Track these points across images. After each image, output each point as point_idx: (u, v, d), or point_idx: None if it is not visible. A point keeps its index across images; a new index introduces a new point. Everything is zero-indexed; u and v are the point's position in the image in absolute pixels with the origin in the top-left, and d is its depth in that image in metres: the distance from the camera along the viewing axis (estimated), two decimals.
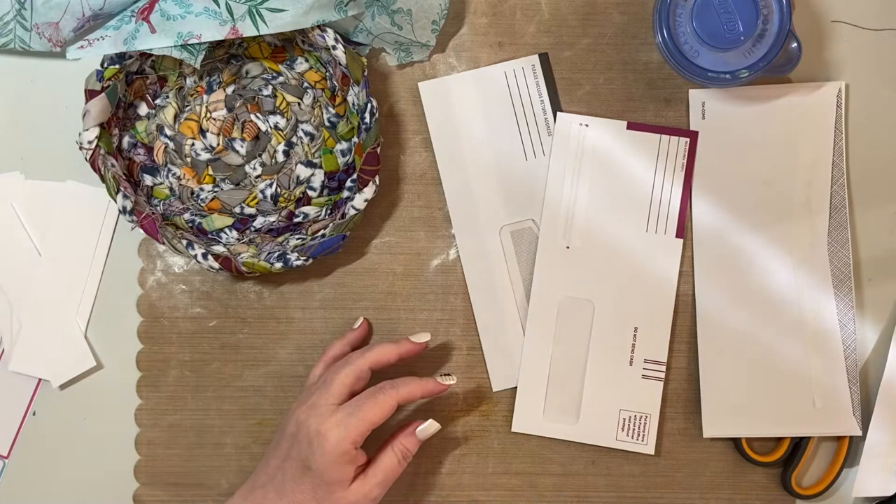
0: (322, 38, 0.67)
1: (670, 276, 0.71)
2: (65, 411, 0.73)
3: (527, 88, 0.71)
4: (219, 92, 0.72)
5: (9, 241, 0.73)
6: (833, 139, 0.71)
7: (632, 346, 0.71)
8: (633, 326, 0.71)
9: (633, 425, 0.71)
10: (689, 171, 0.71)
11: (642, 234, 0.71)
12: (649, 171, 0.71)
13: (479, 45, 0.72)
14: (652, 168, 0.71)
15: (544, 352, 0.71)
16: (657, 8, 0.66)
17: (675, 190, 0.71)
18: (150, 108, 0.71)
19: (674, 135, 0.71)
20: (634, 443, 0.71)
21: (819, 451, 0.72)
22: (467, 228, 0.72)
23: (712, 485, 0.72)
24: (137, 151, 0.71)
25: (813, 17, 0.71)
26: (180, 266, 0.73)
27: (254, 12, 0.65)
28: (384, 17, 0.69)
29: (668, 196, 0.71)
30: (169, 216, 0.71)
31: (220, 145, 0.71)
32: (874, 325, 0.71)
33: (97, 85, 0.66)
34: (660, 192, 0.71)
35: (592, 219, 0.71)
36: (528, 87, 0.71)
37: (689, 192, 0.71)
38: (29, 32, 0.70)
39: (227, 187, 0.72)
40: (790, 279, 0.70)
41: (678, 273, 0.71)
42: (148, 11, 0.66)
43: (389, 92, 0.72)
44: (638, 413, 0.71)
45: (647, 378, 0.71)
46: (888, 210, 0.72)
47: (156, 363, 0.73)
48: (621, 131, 0.71)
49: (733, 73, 0.66)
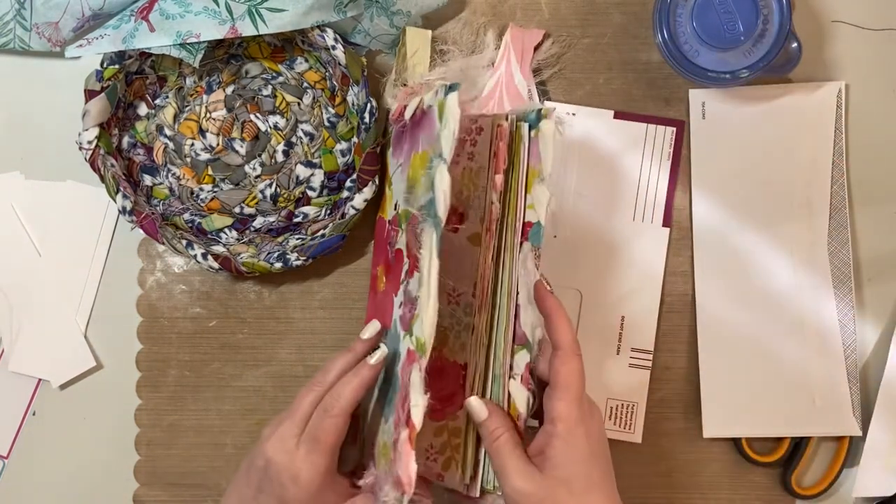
0: (322, 38, 0.67)
1: (657, 265, 0.71)
2: (65, 411, 0.73)
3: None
4: (218, 92, 0.71)
5: (9, 241, 0.73)
6: (833, 139, 0.71)
7: (619, 335, 0.71)
8: (619, 315, 0.71)
9: (620, 414, 0.70)
10: (675, 160, 0.71)
11: (629, 223, 0.71)
12: (636, 160, 0.71)
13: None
14: (639, 157, 0.71)
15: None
16: (657, 8, 0.66)
17: (661, 179, 0.71)
18: (150, 108, 0.71)
19: (661, 124, 0.71)
20: (621, 431, 0.70)
21: (819, 451, 0.72)
22: None
23: (712, 485, 0.72)
24: (137, 151, 0.71)
25: (813, 17, 0.71)
26: (180, 266, 0.73)
27: (253, 12, 0.65)
28: (383, 19, 0.69)
29: (654, 185, 0.71)
30: (168, 216, 0.71)
31: (219, 145, 0.71)
32: (874, 325, 0.71)
33: (97, 85, 0.66)
34: (646, 181, 0.71)
35: (580, 208, 0.71)
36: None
37: (675, 182, 0.71)
38: (29, 32, 0.70)
39: (226, 187, 0.72)
40: (790, 279, 0.70)
41: (664, 262, 0.71)
42: (147, 10, 0.66)
43: None
44: (625, 402, 0.70)
45: (634, 367, 0.71)
46: (888, 210, 0.72)
47: (156, 363, 0.73)
48: (608, 120, 0.71)
49: (733, 73, 0.66)
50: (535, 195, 0.60)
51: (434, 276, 0.54)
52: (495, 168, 0.60)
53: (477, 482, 0.61)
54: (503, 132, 0.60)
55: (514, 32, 0.70)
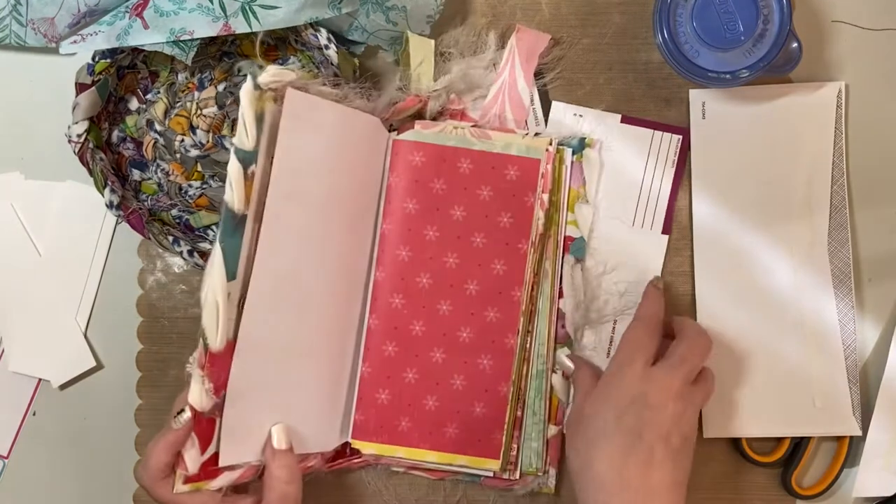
0: (315, 38, 0.67)
1: (654, 272, 0.71)
2: (65, 411, 0.73)
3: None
4: (210, 89, 0.71)
5: (9, 241, 0.73)
6: (833, 139, 0.71)
7: (609, 338, 0.71)
8: (613, 321, 0.71)
9: None
10: (679, 168, 0.71)
11: (629, 229, 0.71)
12: (640, 166, 0.71)
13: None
14: (643, 163, 0.71)
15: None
16: (657, 8, 0.66)
17: (664, 186, 0.71)
18: (141, 103, 0.71)
19: (667, 131, 0.71)
20: None
21: (819, 451, 0.72)
22: None
23: (712, 485, 0.72)
24: (127, 146, 0.71)
25: (813, 17, 0.71)
26: (180, 266, 0.73)
27: (247, 9, 0.64)
28: (379, 15, 0.69)
29: (657, 192, 0.71)
30: (156, 212, 0.71)
31: (209, 142, 0.71)
32: (874, 325, 0.71)
33: (87, 79, 0.66)
34: (649, 188, 0.71)
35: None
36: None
37: (677, 189, 0.71)
38: (24, 28, 0.70)
39: (215, 184, 0.71)
40: (790, 279, 0.70)
41: (661, 268, 0.71)
42: (142, 7, 0.66)
43: None
44: None
45: None
46: (888, 210, 0.72)
47: (156, 363, 0.73)
48: (615, 124, 0.71)
49: (733, 73, 0.66)
50: (578, 213, 0.70)
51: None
52: (543, 187, 0.69)
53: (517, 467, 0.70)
54: (550, 156, 0.69)
55: (520, 35, 0.70)
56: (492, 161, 0.69)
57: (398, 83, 0.69)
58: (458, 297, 0.69)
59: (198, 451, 0.60)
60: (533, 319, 0.69)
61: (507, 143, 0.69)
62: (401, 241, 0.68)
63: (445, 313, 0.68)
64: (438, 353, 0.68)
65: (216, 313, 0.58)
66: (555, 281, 0.70)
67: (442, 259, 0.68)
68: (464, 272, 0.69)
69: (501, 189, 0.69)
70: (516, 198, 0.69)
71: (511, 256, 0.69)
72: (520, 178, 0.69)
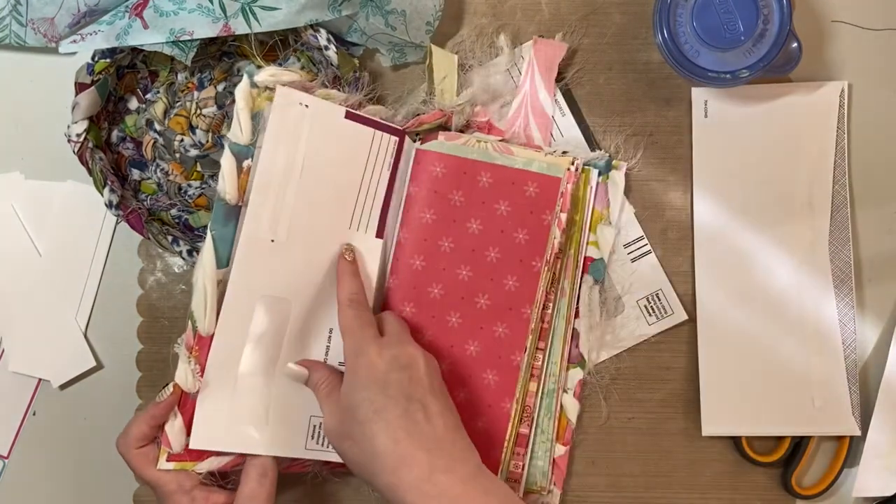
0: (315, 39, 0.67)
1: (371, 277, 0.67)
2: (65, 411, 0.73)
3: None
4: (209, 89, 0.71)
5: (9, 241, 0.73)
6: (835, 139, 0.71)
7: (326, 348, 0.67)
8: (328, 328, 0.67)
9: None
10: (394, 171, 0.68)
11: (345, 231, 0.67)
12: (359, 165, 0.67)
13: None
14: (363, 163, 0.67)
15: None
16: (657, 8, 0.66)
17: (380, 188, 0.68)
18: (141, 103, 0.71)
19: (386, 132, 0.67)
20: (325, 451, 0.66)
21: (819, 451, 0.72)
22: None
23: (712, 485, 0.72)
24: (126, 145, 0.71)
25: (813, 17, 0.71)
26: (180, 266, 0.73)
27: (247, 10, 0.64)
28: (378, 18, 0.69)
29: (373, 194, 0.68)
30: (156, 211, 0.71)
31: (209, 142, 0.71)
32: (874, 325, 0.71)
33: (87, 78, 0.66)
34: (366, 190, 0.67)
35: (299, 211, 0.64)
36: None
37: (391, 193, 0.68)
38: (24, 28, 0.70)
39: (214, 184, 0.71)
40: (791, 279, 0.70)
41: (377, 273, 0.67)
42: (142, 7, 0.66)
43: None
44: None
45: None
46: (889, 210, 0.72)
47: (156, 363, 0.73)
48: (339, 119, 0.65)
49: (733, 73, 0.66)
50: (600, 235, 0.70)
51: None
52: (562, 206, 0.68)
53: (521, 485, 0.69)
54: (571, 176, 0.68)
55: (538, 46, 0.70)
56: (512, 177, 0.68)
57: (423, 96, 0.69)
58: (469, 309, 0.68)
59: (181, 424, 0.62)
60: (546, 337, 0.69)
61: (529, 159, 0.68)
62: (415, 250, 0.68)
63: (455, 325, 0.68)
64: (444, 365, 0.67)
65: (205, 297, 0.61)
66: (572, 301, 0.70)
67: (455, 271, 0.68)
68: (476, 285, 0.68)
69: (519, 205, 0.68)
70: (534, 215, 0.68)
71: (524, 273, 0.68)
72: (539, 196, 0.68)
